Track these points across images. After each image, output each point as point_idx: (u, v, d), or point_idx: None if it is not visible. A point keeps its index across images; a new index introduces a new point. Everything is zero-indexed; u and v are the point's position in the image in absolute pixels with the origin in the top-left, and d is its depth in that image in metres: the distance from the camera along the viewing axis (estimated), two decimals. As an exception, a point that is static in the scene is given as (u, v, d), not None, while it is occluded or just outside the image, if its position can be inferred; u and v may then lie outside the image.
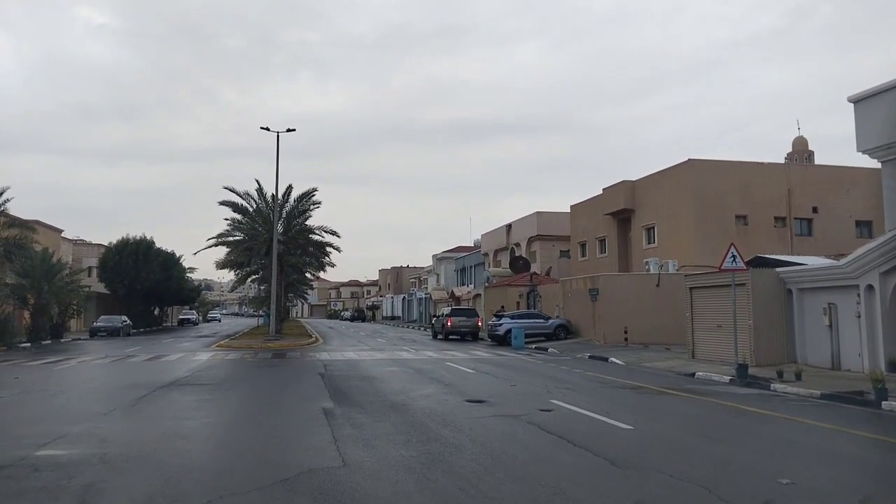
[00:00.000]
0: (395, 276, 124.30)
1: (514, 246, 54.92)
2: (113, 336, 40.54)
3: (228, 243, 42.26)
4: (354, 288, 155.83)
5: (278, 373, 17.39)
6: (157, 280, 54.69)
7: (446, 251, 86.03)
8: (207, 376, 16.23)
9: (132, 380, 15.65)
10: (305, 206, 40.32)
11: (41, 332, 33.42)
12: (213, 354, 24.12)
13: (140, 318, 55.24)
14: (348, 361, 21.05)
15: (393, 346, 29.82)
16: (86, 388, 14.35)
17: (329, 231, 40.82)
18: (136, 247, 54.36)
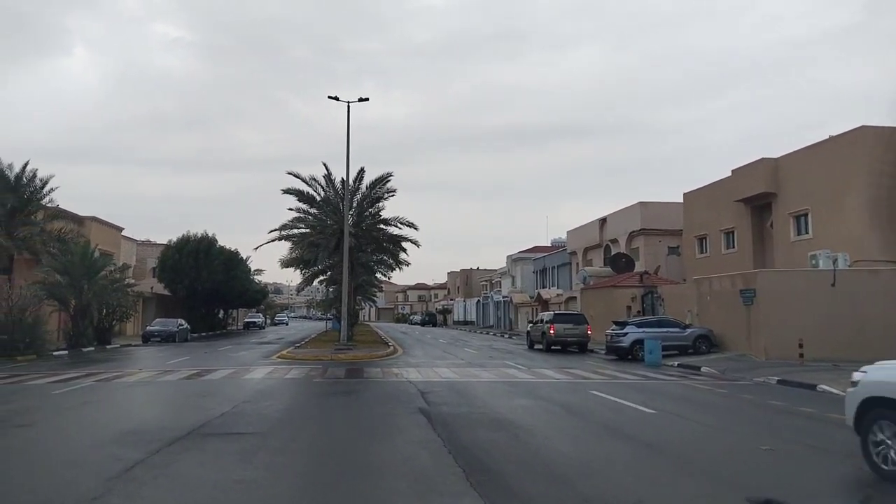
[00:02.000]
0: (465, 279, 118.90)
1: (610, 242, 48.32)
2: (167, 342, 36.32)
3: (293, 237, 37.55)
4: (421, 291, 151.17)
5: (357, 408, 11.76)
6: (220, 280, 50.78)
7: (522, 252, 79.79)
8: (254, 415, 10.76)
9: (139, 420, 10.41)
10: (379, 193, 35.11)
11: (82, 337, 29.20)
12: (272, 370, 18.86)
13: (202, 322, 51.45)
14: (450, 386, 15.29)
15: (491, 360, 24.05)
16: (55, 438, 9.02)
17: (406, 223, 35.45)
18: (198, 244, 50.62)
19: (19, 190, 33.11)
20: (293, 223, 37.12)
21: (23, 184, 33.54)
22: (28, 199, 33.50)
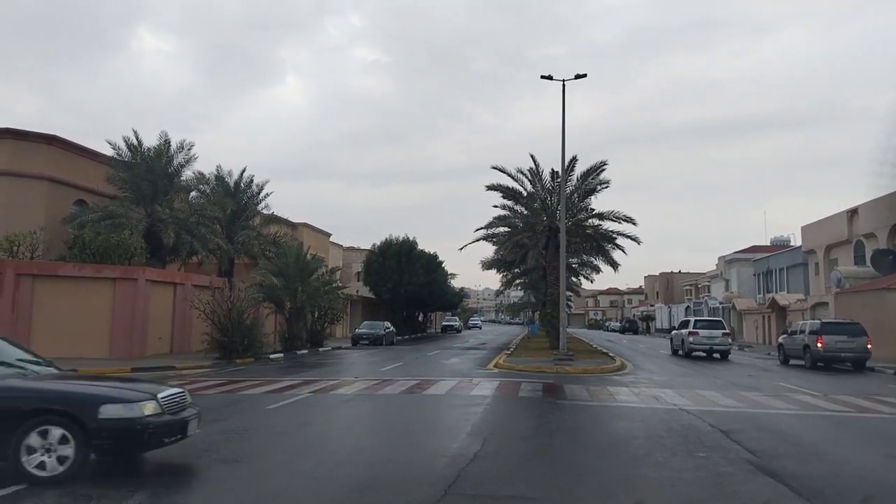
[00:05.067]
0: (665, 283, 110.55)
1: (864, 238, 40.19)
2: (375, 345, 35.71)
3: (497, 237, 35.16)
4: (614, 296, 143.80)
5: (652, 457, 8.23)
6: (421, 283, 50.28)
7: (739, 252, 71.21)
8: (512, 459, 7.91)
9: (370, 460, 7.91)
10: (591, 185, 31.49)
11: (296, 340, 28.97)
12: (498, 384, 16.13)
13: (404, 324, 51.28)
14: (747, 419, 11.38)
15: (754, 379, 19.47)
16: (266, 489, 6.67)
17: (623, 217, 31.42)
18: (400, 248, 50.59)
19: (238, 195, 34.26)
20: (495, 222, 34.85)
21: (241, 189, 34.72)
22: (246, 205, 34.59)
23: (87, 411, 6.39)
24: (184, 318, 25.48)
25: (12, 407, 6.40)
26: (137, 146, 28.22)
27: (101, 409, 6.43)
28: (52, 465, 6.27)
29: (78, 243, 23.64)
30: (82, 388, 6.99)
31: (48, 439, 6.29)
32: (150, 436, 6.61)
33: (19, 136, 26.47)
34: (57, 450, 6.29)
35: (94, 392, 6.80)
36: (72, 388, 6.99)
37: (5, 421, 6.32)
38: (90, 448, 6.41)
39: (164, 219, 27.29)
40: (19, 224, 24.30)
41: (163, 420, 6.76)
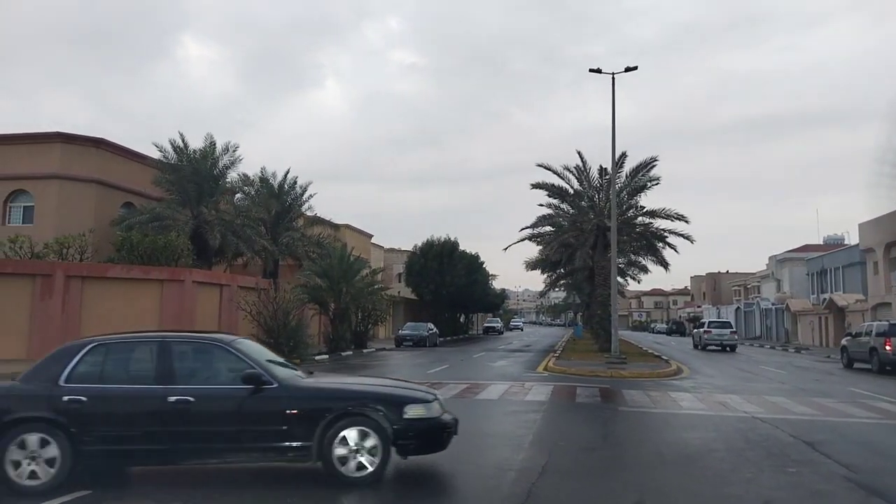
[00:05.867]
0: (712, 284, 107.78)
1: (929, 235, 38.22)
2: (419, 346, 35.33)
3: (541, 237, 34.42)
4: (658, 297, 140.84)
5: (743, 472, 7.58)
6: (462, 284, 49.81)
7: (790, 251, 68.86)
8: (585, 479, 7.26)
9: (433, 481, 7.37)
10: (641, 181, 30.51)
11: (341, 341, 28.73)
12: (552, 388, 15.48)
13: (446, 326, 50.82)
14: (827, 428, 10.54)
15: (820, 384, 18.40)
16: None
17: (675, 215, 30.34)
18: (441, 248, 50.20)
19: (282, 197, 34.31)
20: (540, 222, 34.11)
21: (285, 191, 34.75)
22: (290, 206, 34.62)
23: (394, 412, 6.43)
24: (230, 320, 25.44)
25: (323, 408, 6.39)
26: (183, 148, 28.38)
27: (406, 409, 6.49)
28: (359, 465, 6.32)
29: (126, 245, 23.78)
30: (385, 389, 7.09)
31: (356, 441, 6.32)
32: (446, 435, 6.75)
33: (69, 140, 26.86)
34: (364, 450, 6.32)
35: (397, 392, 6.90)
36: (375, 388, 7.14)
37: (316, 424, 6.29)
38: (394, 448, 6.44)
39: (210, 220, 27.35)
40: (69, 226, 24.59)
41: (450, 420, 6.86)
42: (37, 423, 6.09)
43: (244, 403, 6.30)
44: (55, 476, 6.00)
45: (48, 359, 6.60)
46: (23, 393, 6.31)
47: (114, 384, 6.49)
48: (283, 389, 6.41)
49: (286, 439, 6.28)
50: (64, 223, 25.06)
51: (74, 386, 6.26)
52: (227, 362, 6.61)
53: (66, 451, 6.02)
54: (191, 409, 6.19)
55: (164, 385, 6.32)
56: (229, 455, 6.41)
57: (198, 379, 6.55)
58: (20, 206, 26.78)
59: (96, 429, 6.14)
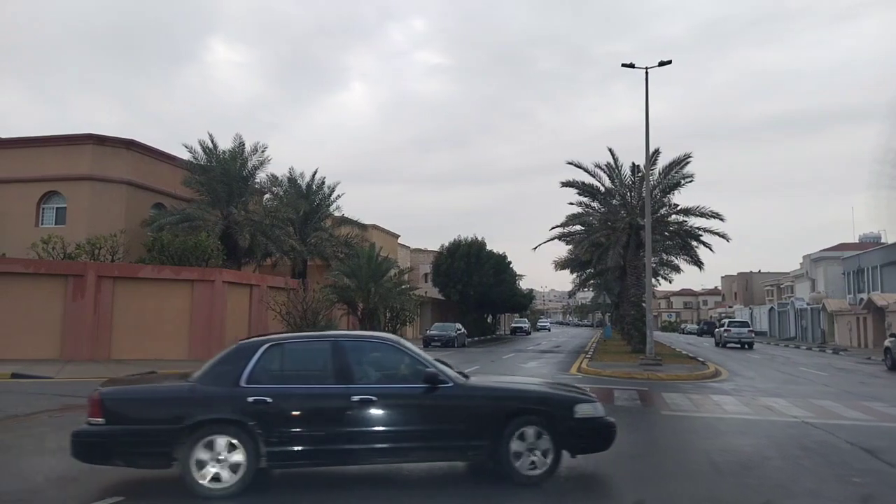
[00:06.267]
0: (744, 284, 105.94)
1: (976, 232, 36.86)
2: (447, 346, 35.05)
3: (572, 236, 33.90)
4: (688, 297, 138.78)
5: (812, 491, 7.16)
6: (490, 285, 49.36)
7: (825, 250, 67.27)
8: (637, 490, 6.92)
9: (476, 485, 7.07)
10: (675, 179, 29.86)
11: (370, 341, 28.48)
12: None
13: (473, 326, 50.42)
14: (886, 435, 10.01)
15: (865, 387, 17.69)
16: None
17: (710, 213, 29.61)
18: (468, 248, 49.79)
19: (310, 197, 34.30)
20: (570, 221, 33.61)
21: (313, 191, 34.74)
22: (318, 206, 34.60)
23: (565, 411, 6.56)
24: (260, 320, 25.40)
25: (500, 407, 6.47)
26: (213, 149, 28.43)
27: (576, 409, 6.61)
28: (533, 464, 6.36)
29: (157, 245, 23.85)
30: (554, 389, 7.29)
31: (530, 440, 6.38)
32: (610, 435, 6.84)
33: (100, 142, 27.06)
34: (537, 450, 6.38)
35: (567, 392, 7.10)
36: (545, 388, 7.34)
37: (493, 422, 6.35)
38: (564, 447, 6.51)
39: (240, 221, 27.37)
40: (101, 227, 24.75)
41: (612, 420, 6.98)
42: (221, 424, 5.95)
43: (423, 402, 6.34)
44: (241, 479, 5.88)
45: (224, 359, 6.46)
46: (206, 394, 6.14)
47: (295, 384, 6.40)
48: (459, 388, 6.46)
49: (464, 438, 6.34)
50: (96, 224, 25.24)
51: (258, 386, 6.14)
52: (401, 361, 6.67)
53: (251, 453, 5.89)
54: (374, 409, 6.17)
55: (343, 384, 6.28)
56: (411, 454, 6.47)
57: (375, 378, 6.57)
58: (53, 207, 27.05)
59: (281, 430, 6.02)
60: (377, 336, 7.30)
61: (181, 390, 6.31)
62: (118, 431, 5.92)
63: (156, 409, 6.13)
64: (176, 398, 6.22)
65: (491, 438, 6.27)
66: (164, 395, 6.40)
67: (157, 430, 5.94)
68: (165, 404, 6.18)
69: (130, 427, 5.97)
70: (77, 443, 5.98)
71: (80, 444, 5.98)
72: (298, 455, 6.10)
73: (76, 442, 5.98)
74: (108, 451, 5.99)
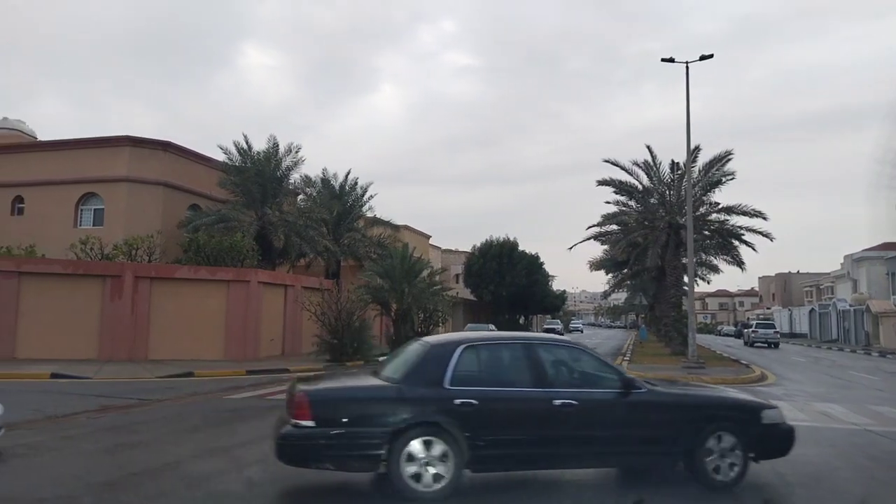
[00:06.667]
0: (782, 285, 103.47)
1: None
2: (479, 348, 34.61)
3: (608, 236, 33.28)
4: (723, 299, 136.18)
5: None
6: (522, 285, 48.90)
7: (868, 249, 65.19)
8: (707, 498, 6.45)
9: (543, 490, 6.71)
10: (715, 177, 29.05)
11: (403, 342, 28.24)
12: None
13: (506, 327, 49.87)
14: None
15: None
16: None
17: (752, 211, 28.73)
18: (500, 249, 49.42)
19: (343, 198, 34.21)
20: (606, 220, 33.00)
21: (346, 192, 34.66)
22: (351, 207, 34.50)
23: (754, 417, 6.62)
24: (294, 320, 25.35)
25: (696, 414, 6.53)
26: (247, 150, 28.48)
27: (763, 415, 6.68)
28: (722, 468, 6.41)
29: (193, 246, 23.92)
30: (741, 395, 7.35)
31: (723, 445, 6.40)
32: (792, 440, 6.79)
33: (137, 143, 27.29)
34: (729, 455, 6.41)
35: (753, 398, 7.22)
36: (737, 395, 7.41)
37: (687, 428, 6.39)
38: (751, 452, 6.53)
39: (274, 221, 27.36)
40: (137, 228, 24.93)
41: (792, 426, 6.96)
42: (430, 427, 5.87)
43: (620, 407, 6.33)
44: (449, 482, 5.81)
45: (422, 360, 6.33)
46: (415, 396, 6.04)
47: (497, 387, 6.32)
48: (653, 394, 6.52)
49: (660, 443, 6.40)
50: (132, 225, 25.44)
51: (463, 389, 6.05)
52: (592, 366, 6.71)
53: (457, 456, 5.83)
54: (575, 413, 6.12)
55: (542, 388, 6.25)
56: (610, 459, 6.55)
57: (571, 382, 6.56)
58: (91, 208, 27.35)
59: (487, 433, 5.97)
60: (565, 340, 7.33)
61: (388, 391, 6.14)
62: (330, 434, 5.77)
63: (366, 411, 5.98)
64: (384, 399, 6.08)
65: (685, 444, 6.29)
66: (372, 396, 6.20)
67: (369, 432, 5.80)
68: (375, 406, 6.04)
69: (341, 429, 5.81)
70: (287, 446, 5.83)
71: (291, 447, 5.83)
72: (502, 459, 6.09)
73: (285, 445, 5.83)
74: (319, 454, 5.83)
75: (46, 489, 6.30)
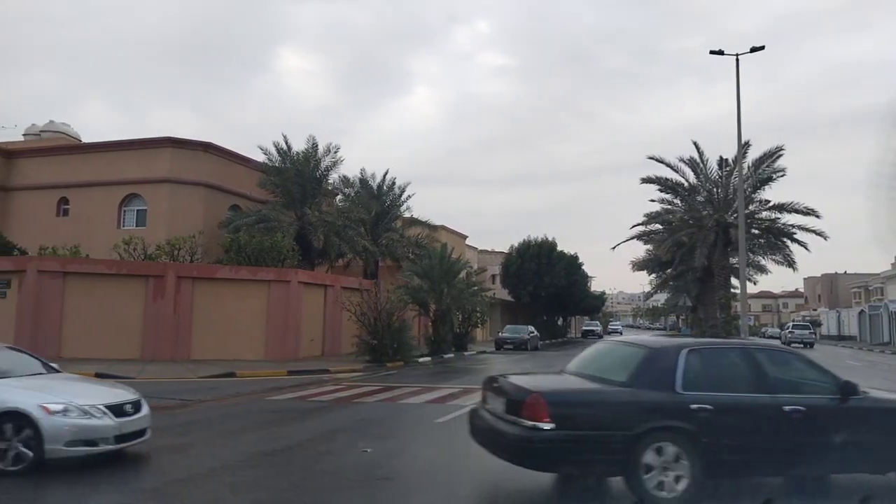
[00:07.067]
0: (828, 286, 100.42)
1: None
2: (519, 349, 34.10)
3: (652, 235, 32.45)
4: (766, 300, 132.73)
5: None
6: (562, 286, 48.04)
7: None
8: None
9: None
10: (766, 173, 28.06)
11: (443, 343, 27.94)
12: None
13: (544, 329, 49.21)
14: None
15: None
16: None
17: (804, 209, 27.67)
18: (539, 249, 48.64)
19: (381, 198, 34.05)
20: (650, 219, 32.23)
21: (384, 192, 34.48)
22: (389, 207, 34.31)
23: None
24: (334, 321, 25.19)
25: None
26: (287, 151, 28.48)
27: None
28: None
29: (234, 246, 23.92)
30: None
31: None
32: None
33: (178, 145, 27.48)
34: None
35: None
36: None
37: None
38: None
39: (314, 222, 27.27)
40: (179, 228, 25.05)
41: None
42: (668, 432, 5.76)
43: (843, 413, 6.21)
44: (686, 488, 5.70)
45: (646, 363, 6.19)
46: (652, 400, 5.90)
47: (724, 392, 6.15)
48: (872, 400, 6.41)
49: (881, 449, 6.27)
50: (174, 225, 25.58)
51: (698, 394, 5.92)
52: (810, 372, 6.59)
53: (694, 461, 5.71)
54: (803, 419, 6.01)
55: (769, 394, 6.16)
56: (836, 466, 6.41)
57: (793, 388, 6.39)
58: (134, 209, 27.63)
59: (724, 438, 5.88)
60: (781, 346, 7.30)
61: (623, 395, 5.95)
62: (573, 437, 5.61)
63: (606, 414, 5.83)
64: (622, 403, 5.90)
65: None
66: (610, 399, 6.00)
67: (612, 436, 5.65)
68: (613, 409, 5.87)
69: (583, 432, 5.65)
70: (527, 448, 5.64)
71: (532, 450, 5.63)
72: (736, 465, 5.97)
73: (526, 448, 5.64)
74: (561, 458, 5.70)
75: (93, 498, 6.06)
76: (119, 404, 7.14)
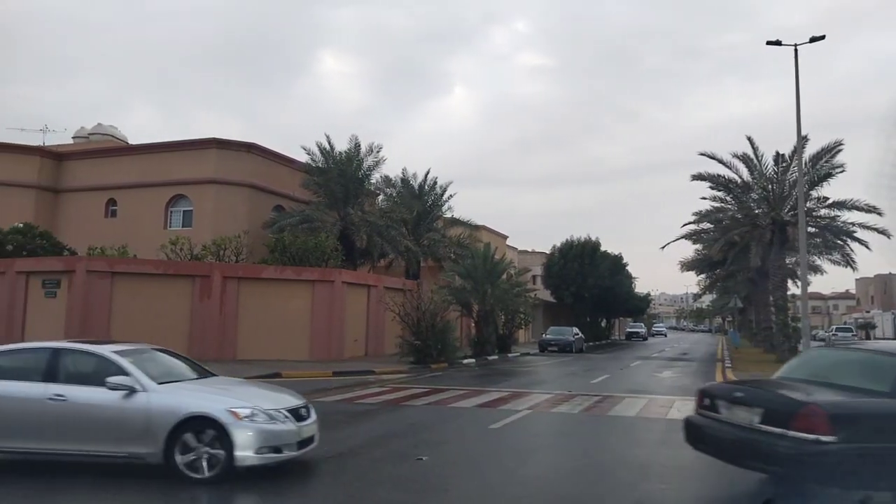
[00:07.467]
0: (882, 287, 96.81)
1: None
2: (564, 352, 33.42)
3: (702, 234, 31.46)
4: (816, 301, 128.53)
5: None
6: (606, 287, 47.02)
7: None
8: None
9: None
10: (824, 170, 26.83)
11: (486, 344, 27.48)
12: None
13: (587, 330, 48.27)
14: None
15: None
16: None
17: (866, 206, 26.37)
18: (582, 249, 47.70)
19: (423, 198, 33.75)
20: (701, 217, 31.24)
21: (425, 192, 34.17)
22: (430, 207, 34.00)
23: None
24: (377, 321, 24.96)
25: None
26: (329, 151, 28.38)
27: None
28: None
29: (279, 246, 23.90)
30: None
31: None
32: None
33: (223, 146, 27.63)
34: None
35: None
36: None
37: None
38: None
39: (356, 221, 27.11)
40: (224, 228, 25.12)
41: None
42: None
43: None
44: None
45: None
46: None
47: None
48: None
49: None
50: (220, 226, 25.68)
51: None
52: None
53: None
54: None
55: None
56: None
57: None
58: (180, 210, 27.87)
59: None
60: None
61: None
62: (858, 451, 5.27)
63: (888, 426, 5.49)
64: None
65: None
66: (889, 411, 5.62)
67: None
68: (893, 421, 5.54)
69: (870, 445, 5.32)
70: (807, 462, 5.29)
71: (814, 464, 5.26)
72: None
73: (806, 462, 5.29)
74: (848, 474, 5.31)
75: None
76: (297, 408, 6.85)
